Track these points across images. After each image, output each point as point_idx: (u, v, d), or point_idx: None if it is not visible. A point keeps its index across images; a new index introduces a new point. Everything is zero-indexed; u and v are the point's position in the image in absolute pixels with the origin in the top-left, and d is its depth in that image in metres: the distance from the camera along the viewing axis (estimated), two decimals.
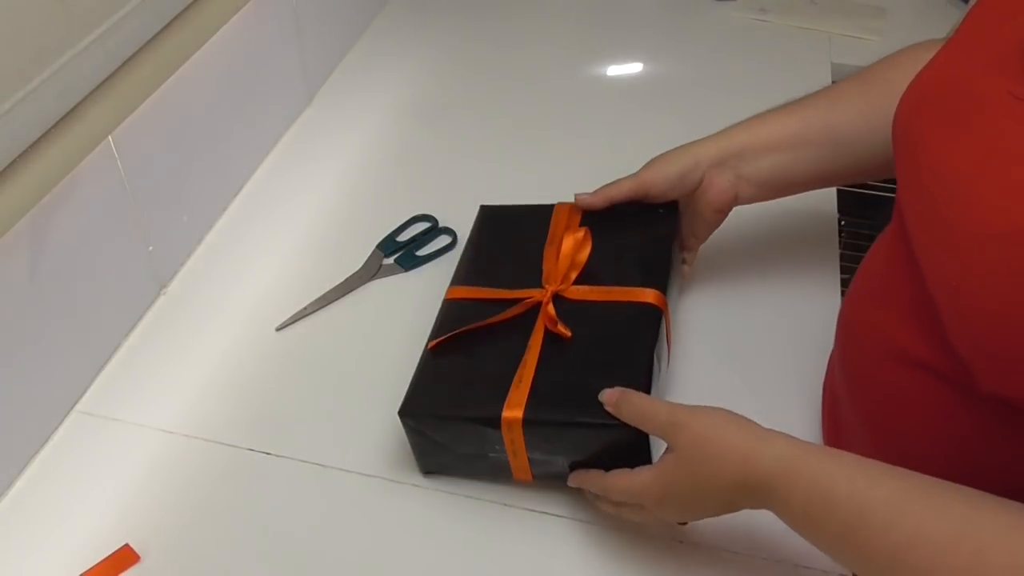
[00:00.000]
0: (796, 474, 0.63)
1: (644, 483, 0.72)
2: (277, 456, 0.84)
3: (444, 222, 1.07)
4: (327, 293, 0.99)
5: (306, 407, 0.89)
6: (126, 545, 0.77)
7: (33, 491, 0.82)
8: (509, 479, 0.81)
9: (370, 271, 1.01)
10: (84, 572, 0.75)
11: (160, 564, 0.77)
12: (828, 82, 1.26)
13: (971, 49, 0.68)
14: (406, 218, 1.07)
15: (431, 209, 1.09)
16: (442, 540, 0.79)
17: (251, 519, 0.80)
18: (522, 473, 0.80)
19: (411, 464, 0.82)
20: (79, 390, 0.89)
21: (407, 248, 1.04)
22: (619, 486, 0.74)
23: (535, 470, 0.79)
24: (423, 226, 1.07)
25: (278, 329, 0.95)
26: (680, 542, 0.78)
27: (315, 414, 0.88)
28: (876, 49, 1.28)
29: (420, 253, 1.03)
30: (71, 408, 0.88)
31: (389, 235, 1.05)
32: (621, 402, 0.72)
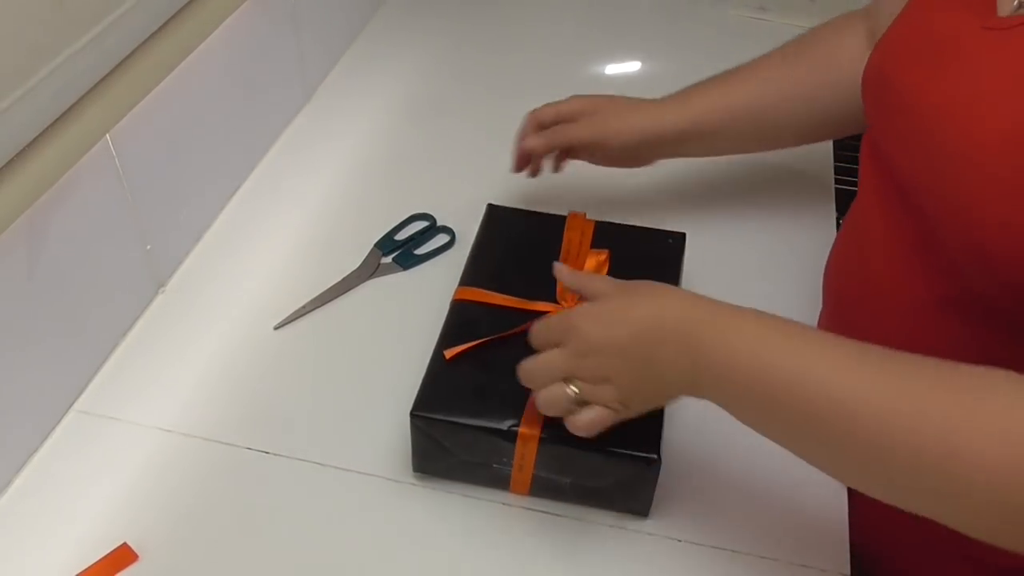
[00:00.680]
0: (740, 317, 0.66)
1: (604, 285, 0.72)
2: (275, 455, 0.84)
3: (442, 221, 1.07)
4: (325, 292, 0.98)
5: (304, 406, 0.89)
6: (124, 544, 0.76)
7: (31, 490, 0.82)
8: (505, 489, 0.81)
9: (368, 270, 1.01)
10: (82, 571, 0.75)
11: (158, 563, 0.77)
12: None
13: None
14: (404, 217, 1.07)
15: (429, 208, 1.09)
16: (441, 539, 0.79)
17: (249, 518, 0.80)
18: (520, 486, 0.80)
19: (409, 463, 0.82)
20: (77, 389, 0.89)
21: (405, 247, 1.04)
22: (581, 275, 0.75)
23: (535, 485, 0.79)
24: (421, 225, 1.07)
25: (276, 328, 0.95)
26: (679, 541, 0.78)
27: (313, 413, 0.88)
28: None
29: (418, 252, 1.03)
30: (69, 407, 0.88)
31: (387, 234, 1.05)
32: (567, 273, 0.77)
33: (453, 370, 0.80)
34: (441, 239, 1.05)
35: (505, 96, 1.29)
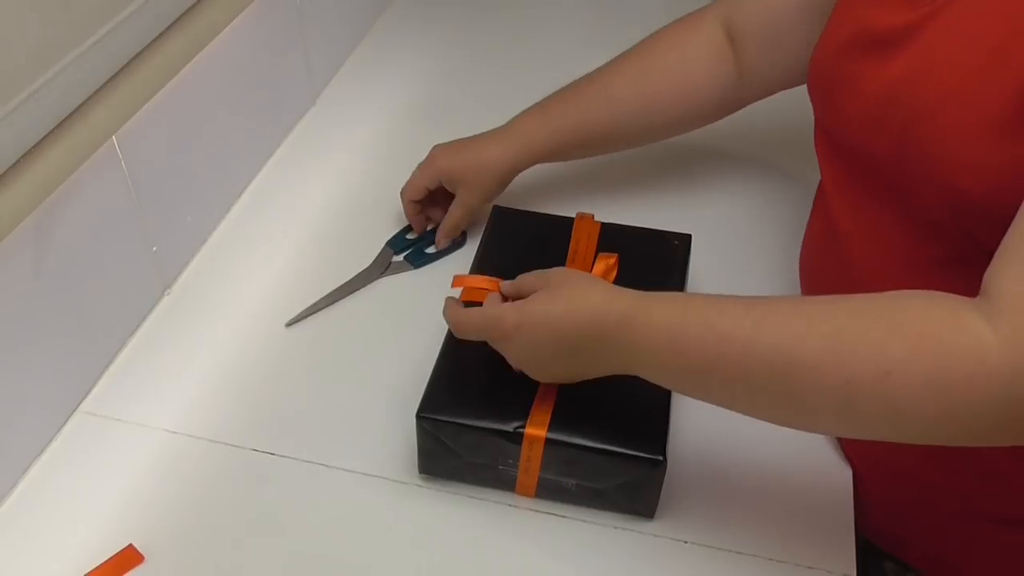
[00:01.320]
0: (654, 300, 0.69)
1: (501, 310, 0.74)
2: (281, 456, 0.84)
3: None
4: (336, 290, 0.98)
5: (310, 407, 0.89)
6: (130, 545, 0.77)
7: (37, 491, 0.82)
8: (510, 490, 0.81)
9: (379, 268, 1.01)
10: (88, 572, 0.75)
11: (164, 564, 0.77)
12: None
13: None
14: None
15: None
16: (445, 540, 0.79)
17: (255, 519, 0.80)
18: (526, 488, 0.80)
19: (415, 464, 0.82)
20: (83, 390, 0.89)
21: (416, 245, 1.04)
22: (472, 316, 0.76)
23: (540, 487, 0.79)
24: (432, 224, 1.07)
25: (288, 325, 0.95)
26: (685, 542, 0.78)
27: (319, 414, 0.88)
28: None
29: (430, 251, 1.03)
30: (75, 408, 0.88)
31: (399, 232, 1.05)
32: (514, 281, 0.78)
33: (459, 371, 0.80)
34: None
35: (509, 99, 1.28)
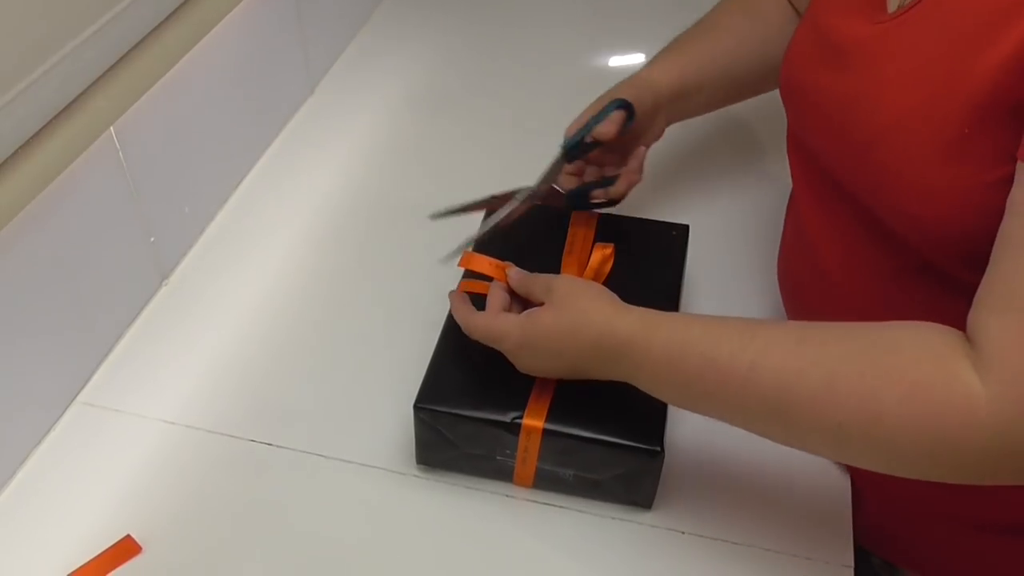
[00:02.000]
0: (655, 327, 0.70)
1: (506, 327, 0.75)
2: (279, 447, 0.84)
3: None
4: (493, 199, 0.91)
5: (307, 398, 0.89)
6: (128, 536, 0.77)
7: (35, 482, 0.82)
8: (508, 481, 0.81)
9: (549, 178, 0.90)
10: (86, 563, 0.75)
11: (161, 555, 0.77)
12: None
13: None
14: (409, 209, 1.07)
15: (434, 200, 1.09)
16: (444, 531, 0.79)
17: (252, 510, 0.80)
18: (523, 479, 0.80)
19: (413, 454, 0.82)
20: (81, 381, 0.89)
21: (585, 187, 0.94)
22: (479, 324, 0.77)
23: (538, 478, 0.79)
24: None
25: (432, 217, 0.90)
26: (683, 533, 0.78)
27: (317, 405, 0.88)
28: None
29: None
30: (73, 399, 0.88)
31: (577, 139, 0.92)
32: (519, 277, 0.79)
33: (457, 362, 0.80)
34: None
35: (508, 90, 1.29)
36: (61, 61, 0.74)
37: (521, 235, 0.92)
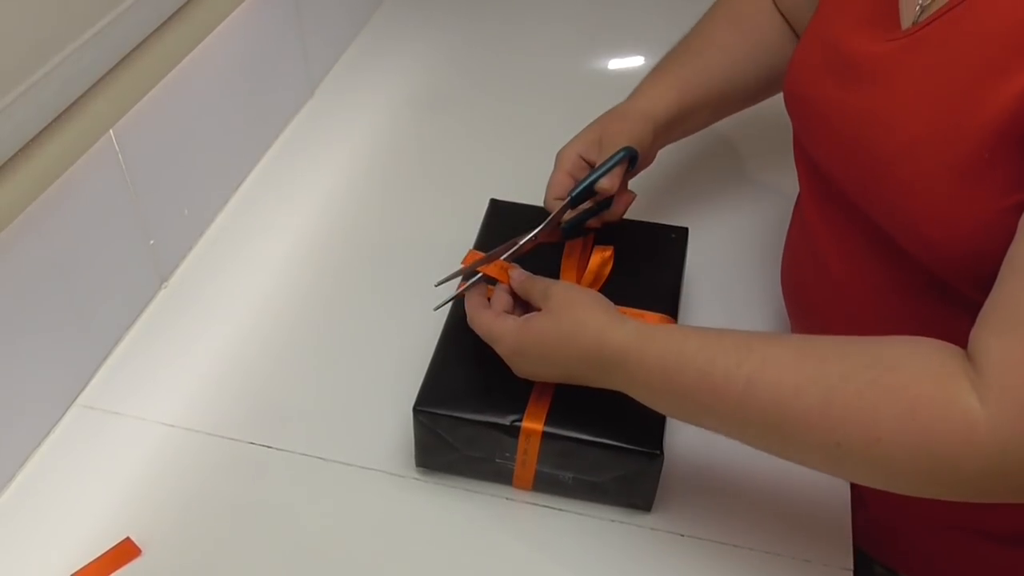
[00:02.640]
0: (650, 340, 0.69)
1: (504, 330, 0.75)
2: (278, 449, 0.84)
3: (448, 214, 1.07)
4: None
5: (307, 401, 0.89)
6: (127, 539, 0.77)
7: (34, 485, 0.82)
8: (507, 484, 0.81)
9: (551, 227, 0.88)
10: (85, 566, 0.75)
11: (161, 557, 0.77)
12: None
13: (839, 10, 0.78)
14: (412, 211, 1.07)
15: (434, 201, 1.09)
16: (443, 533, 0.79)
17: (252, 512, 0.80)
18: (523, 482, 0.80)
19: (412, 457, 0.82)
20: (80, 384, 0.89)
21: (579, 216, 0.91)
22: (483, 321, 0.77)
23: (537, 480, 0.79)
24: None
25: (437, 285, 0.86)
26: (682, 536, 0.78)
27: (316, 408, 0.88)
28: None
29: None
30: (72, 402, 0.88)
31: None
32: (520, 278, 0.79)
33: (456, 365, 0.80)
34: None
35: (509, 90, 1.29)
36: (61, 63, 0.74)
37: (521, 231, 0.92)
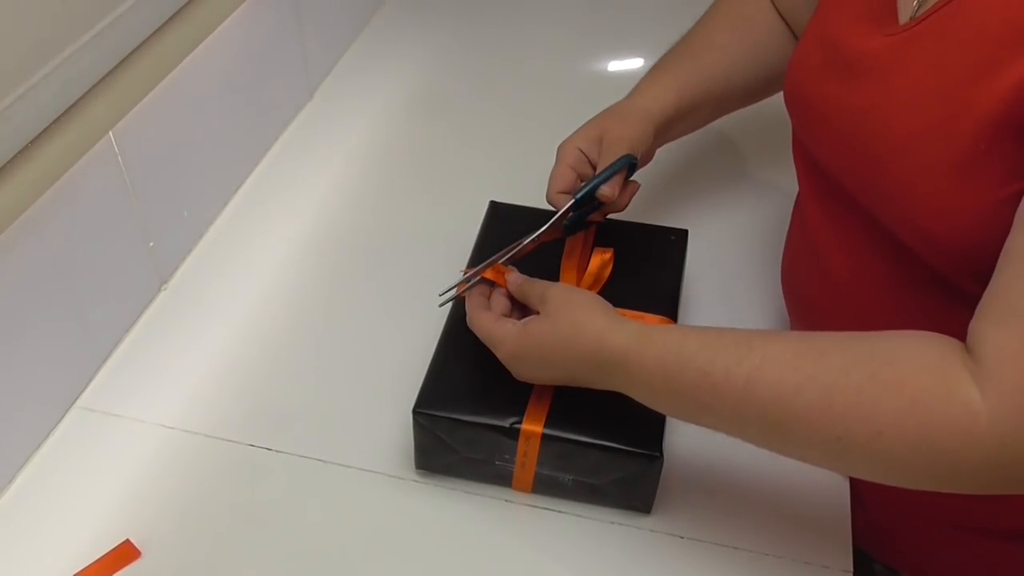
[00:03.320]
0: (649, 342, 0.69)
1: (504, 334, 0.75)
2: (277, 451, 0.84)
3: (447, 216, 1.07)
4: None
5: (306, 403, 0.89)
6: (127, 540, 0.77)
7: (34, 486, 0.82)
8: (507, 486, 0.81)
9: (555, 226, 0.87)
10: (85, 567, 0.75)
11: (160, 559, 0.77)
12: None
13: (838, 7, 0.78)
14: (411, 213, 1.07)
15: (433, 203, 1.09)
16: (443, 535, 0.79)
17: (251, 515, 0.80)
18: (523, 484, 0.80)
19: (412, 459, 0.82)
20: (80, 386, 0.89)
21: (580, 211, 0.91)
22: (482, 324, 0.77)
23: (537, 482, 0.79)
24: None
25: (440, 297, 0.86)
26: (681, 538, 0.78)
27: (315, 410, 0.88)
28: None
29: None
30: (72, 404, 0.88)
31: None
32: (517, 282, 0.79)
33: (456, 367, 0.80)
34: None
35: (507, 93, 1.29)
36: (60, 65, 0.75)
37: (521, 233, 0.92)
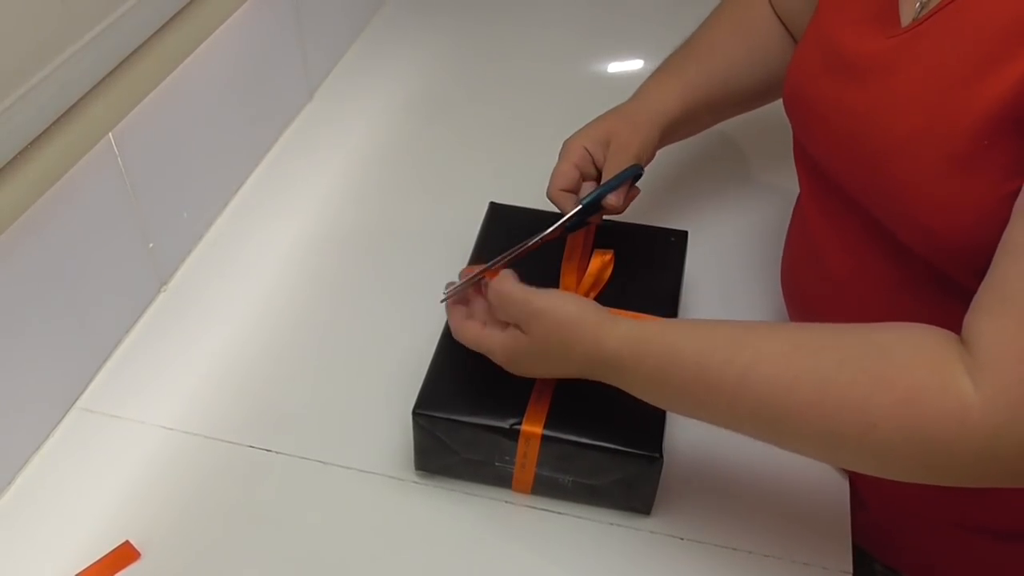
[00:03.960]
0: (645, 341, 0.69)
1: (492, 344, 0.75)
2: (277, 453, 0.84)
3: (447, 216, 1.07)
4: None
5: (306, 404, 0.89)
6: (126, 542, 0.77)
7: (34, 488, 0.82)
8: (507, 487, 0.81)
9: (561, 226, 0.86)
10: (84, 569, 0.75)
11: (160, 561, 0.77)
12: None
13: (839, 10, 0.78)
14: (411, 214, 1.07)
15: (433, 205, 1.09)
16: (443, 537, 0.79)
17: (251, 516, 0.80)
18: (522, 485, 0.80)
19: (411, 460, 0.82)
20: (80, 387, 0.89)
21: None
22: (469, 336, 0.77)
23: (536, 484, 0.79)
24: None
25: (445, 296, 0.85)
26: (681, 539, 0.78)
27: (315, 411, 0.88)
28: None
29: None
30: (72, 405, 0.88)
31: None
32: (495, 283, 0.75)
33: (455, 368, 0.80)
34: None
35: (507, 94, 1.29)
36: (60, 66, 0.75)
37: (520, 234, 0.92)
